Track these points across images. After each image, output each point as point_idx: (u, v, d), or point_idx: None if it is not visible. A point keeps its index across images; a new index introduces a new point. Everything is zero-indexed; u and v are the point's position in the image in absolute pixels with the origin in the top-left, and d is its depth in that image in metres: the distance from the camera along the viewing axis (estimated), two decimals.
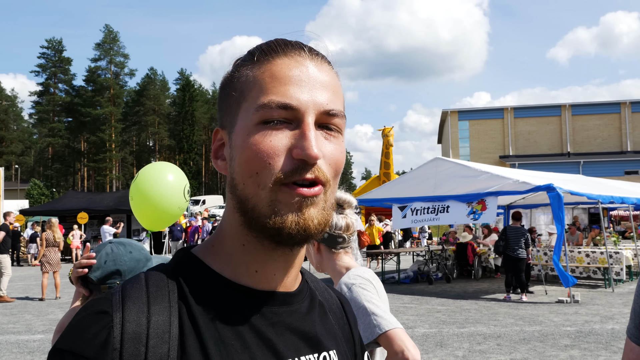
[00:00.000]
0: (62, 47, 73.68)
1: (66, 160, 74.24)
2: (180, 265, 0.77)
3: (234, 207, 0.75)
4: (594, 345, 7.37)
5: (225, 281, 0.75)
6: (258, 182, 0.71)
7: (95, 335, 0.67)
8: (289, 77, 0.73)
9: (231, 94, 0.76)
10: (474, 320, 9.21)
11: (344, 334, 0.89)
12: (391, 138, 24.99)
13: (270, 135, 0.71)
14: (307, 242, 0.74)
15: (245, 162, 0.72)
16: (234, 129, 0.75)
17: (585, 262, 13.52)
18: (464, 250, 15.59)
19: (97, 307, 0.70)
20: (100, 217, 25.55)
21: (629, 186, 17.37)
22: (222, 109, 0.79)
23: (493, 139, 45.92)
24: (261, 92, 0.72)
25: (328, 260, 1.99)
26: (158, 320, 0.70)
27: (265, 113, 0.71)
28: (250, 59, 0.76)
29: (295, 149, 0.70)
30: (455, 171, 12.80)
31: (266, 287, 0.77)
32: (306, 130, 0.71)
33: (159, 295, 0.72)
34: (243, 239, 0.76)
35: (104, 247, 1.92)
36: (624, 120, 44.53)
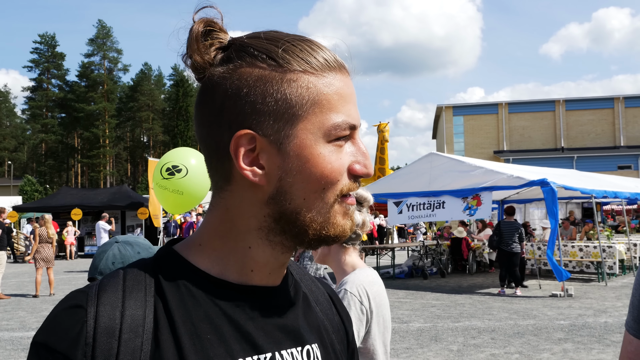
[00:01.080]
0: (55, 42, 73.25)
1: (60, 156, 73.92)
2: (159, 260, 0.77)
3: (268, 214, 0.74)
4: (587, 338, 7.43)
5: (207, 276, 0.75)
6: (323, 197, 0.73)
7: (69, 329, 0.67)
8: (349, 96, 0.75)
9: (282, 99, 0.71)
10: (468, 315, 9.25)
11: (332, 325, 0.89)
12: (386, 134, 25.03)
13: (338, 153, 0.73)
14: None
15: (316, 179, 0.72)
16: (290, 140, 0.72)
17: (579, 256, 13.60)
18: (458, 245, 15.65)
19: (72, 301, 0.70)
20: (95, 214, 25.47)
21: (622, 181, 17.48)
22: (259, 110, 0.72)
23: (487, 134, 46.03)
24: (332, 110, 0.73)
25: (335, 254, 1.99)
26: (132, 315, 0.70)
27: (337, 133, 0.73)
28: (302, 65, 0.72)
29: (358, 165, 0.75)
30: (450, 166, 12.83)
31: (253, 283, 0.77)
32: (365, 149, 0.76)
33: (135, 289, 0.72)
34: (252, 242, 0.75)
35: (110, 248, 1.86)
36: (617, 115, 44.72)
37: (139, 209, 22.90)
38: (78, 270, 18.63)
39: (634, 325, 1.21)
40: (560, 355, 6.62)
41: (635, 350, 1.21)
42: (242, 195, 0.74)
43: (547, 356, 6.60)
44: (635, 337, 1.21)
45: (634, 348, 1.21)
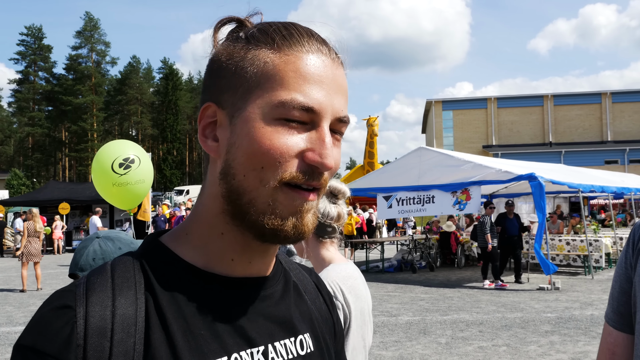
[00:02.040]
0: (42, 34, 72.32)
1: (47, 149, 73.21)
2: (147, 254, 0.75)
3: (222, 194, 0.72)
4: (573, 330, 7.52)
5: (195, 270, 0.73)
6: (261, 177, 0.69)
7: (58, 331, 0.65)
8: (312, 76, 0.70)
9: (239, 73, 0.71)
10: (456, 308, 9.32)
11: (321, 315, 0.88)
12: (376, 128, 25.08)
13: (287, 134, 0.68)
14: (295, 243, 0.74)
15: (252, 154, 0.69)
16: (239, 114, 0.70)
17: (566, 250, 13.74)
18: (447, 239, 15.74)
19: (60, 301, 0.68)
20: (83, 208, 25.30)
21: (609, 175, 17.64)
22: (219, 85, 0.73)
23: (476, 129, 46.24)
24: (283, 87, 0.69)
25: (313, 249, 1.96)
26: (124, 314, 0.68)
27: (286, 111, 0.68)
28: (267, 41, 0.71)
29: (311, 153, 0.69)
30: (439, 161, 12.89)
31: (240, 274, 0.76)
32: (325, 137, 0.70)
33: (125, 286, 0.70)
34: (222, 228, 0.73)
35: (91, 243, 1.83)
36: (604, 110, 45.10)
37: None
38: (66, 264, 18.51)
39: (613, 317, 1.23)
40: (547, 348, 6.70)
41: (615, 341, 1.23)
42: (210, 174, 0.74)
43: (534, 348, 6.68)
44: (615, 328, 1.23)
45: (613, 339, 1.23)
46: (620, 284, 1.22)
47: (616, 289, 1.23)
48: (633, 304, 1.18)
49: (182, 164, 74.92)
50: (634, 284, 1.17)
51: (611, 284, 1.26)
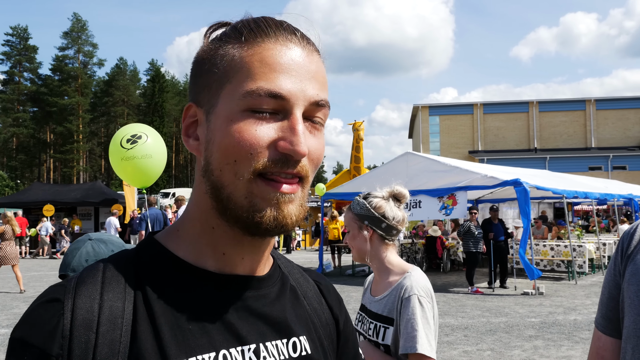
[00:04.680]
0: (27, 34, 71.62)
1: (31, 151, 72.38)
2: (140, 250, 0.76)
3: (206, 191, 0.73)
4: (557, 335, 7.59)
5: (186, 265, 0.74)
6: (236, 170, 0.69)
7: (45, 323, 0.66)
8: (279, 65, 0.69)
9: (212, 70, 0.72)
10: (442, 312, 9.37)
11: (321, 320, 0.87)
12: (362, 132, 25.14)
13: (256, 124, 0.68)
14: (282, 234, 0.74)
15: (224, 148, 0.69)
16: (213, 110, 0.71)
17: (550, 255, 13.87)
18: (433, 243, 15.82)
19: (50, 295, 0.69)
20: (67, 210, 25.05)
21: (592, 181, 17.84)
22: (198, 84, 0.74)
23: (463, 134, 46.59)
24: (249, 77, 0.69)
25: (377, 251, 1.99)
26: (111, 306, 0.69)
27: (253, 101, 0.68)
28: (236, 36, 0.72)
29: (283, 141, 0.68)
30: (425, 166, 12.95)
31: (233, 271, 0.76)
32: (295, 124, 0.69)
33: (114, 281, 0.71)
34: (213, 222, 0.74)
35: (83, 245, 1.82)
36: (588, 117, 45.67)
37: (112, 205, 22.60)
38: (50, 267, 18.31)
39: (602, 322, 1.26)
40: (530, 352, 6.76)
41: (604, 346, 1.26)
42: (197, 171, 0.76)
43: (518, 353, 6.73)
44: (604, 333, 1.26)
45: (602, 343, 1.26)
46: (609, 290, 1.25)
47: (605, 295, 1.26)
48: (621, 310, 1.20)
49: (168, 167, 74.47)
50: (622, 290, 1.20)
51: (601, 290, 1.29)
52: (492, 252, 11.93)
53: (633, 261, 1.18)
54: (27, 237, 22.95)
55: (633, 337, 1.13)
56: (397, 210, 2.00)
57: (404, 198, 2.04)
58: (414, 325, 1.81)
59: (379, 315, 1.97)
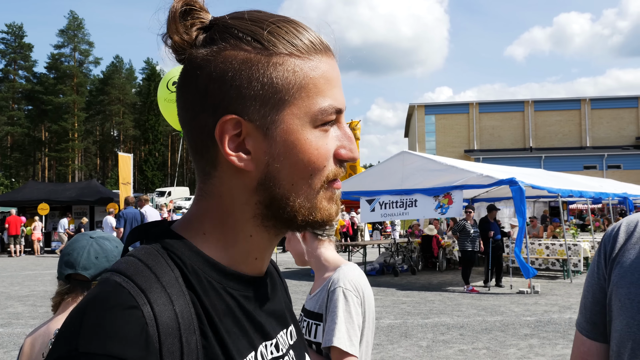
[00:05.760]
0: (22, 32, 71.34)
1: (26, 149, 72.13)
2: (171, 248, 0.72)
3: (259, 202, 0.73)
4: (552, 334, 7.62)
5: (222, 268, 0.74)
6: (311, 183, 0.72)
7: (134, 335, 0.60)
8: (335, 80, 0.74)
9: (268, 84, 0.70)
10: (437, 311, 9.39)
11: (288, 303, 0.93)
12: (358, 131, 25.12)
13: (325, 138, 0.73)
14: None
15: (303, 164, 0.71)
16: (277, 126, 0.70)
17: (545, 254, 13.92)
18: (429, 242, 15.84)
19: (121, 301, 0.62)
20: (62, 209, 24.97)
21: (587, 180, 17.92)
22: (245, 95, 0.70)
23: (458, 133, 46.67)
24: (319, 95, 0.72)
25: (312, 249, 1.95)
26: (182, 311, 0.66)
27: (324, 117, 0.72)
28: (288, 47, 0.71)
29: (343, 150, 0.74)
30: (421, 165, 12.97)
31: (256, 272, 0.78)
32: (348, 132, 0.75)
33: (172, 284, 0.67)
34: (252, 230, 0.75)
35: (88, 243, 1.79)
36: (583, 116, 45.82)
37: (108, 204, 22.53)
38: (45, 265, 18.25)
39: (587, 327, 1.25)
40: (526, 351, 6.78)
41: (589, 351, 1.24)
42: (231, 181, 0.73)
43: (514, 351, 6.76)
44: (588, 337, 1.24)
45: (586, 348, 1.25)
46: (593, 294, 1.23)
47: (589, 299, 1.24)
48: (608, 314, 1.19)
49: (163, 166, 74.30)
50: (608, 294, 1.19)
51: (582, 293, 1.27)
52: (490, 251, 11.95)
53: (619, 264, 1.17)
54: (22, 236, 22.86)
55: (627, 341, 1.12)
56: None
57: None
58: (334, 318, 1.76)
59: (311, 312, 1.92)
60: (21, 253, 22.79)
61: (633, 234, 1.19)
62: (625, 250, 1.18)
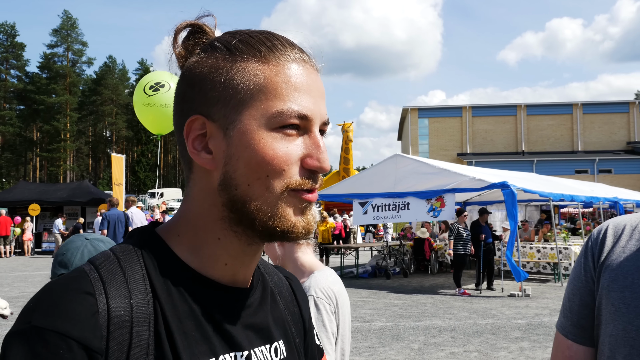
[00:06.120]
0: (15, 31, 70.99)
1: (17, 149, 71.70)
2: (147, 246, 0.75)
3: (223, 203, 0.74)
4: (543, 337, 7.64)
5: (192, 271, 0.75)
6: (267, 185, 0.72)
7: (85, 317, 0.64)
8: (303, 86, 0.74)
9: (230, 86, 0.73)
10: (429, 314, 9.40)
11: (293, 318, 0.91)
12: (351, 133, 25.21)
13: (286, 142, 0.72)
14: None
15: (256, 164, 0.71)
16: (235, 126, 0.72)
17: (536, 257, 13.97)
18: (421, 245, 15.86)
19: (79, 285, 0.66)
20: (54, 209, 24.81)
21: (579, 185, 18.00)
22: (207, 97, 0.74)
23: (451, 137, 46.81)
24: (277, 98, 0.72)
25: (290, 253, 1.91)
26: (138, 306, 0.68)
27: (282, 120, 0.72)
28: (254, 54, 0.74)
29: (310, 159, 0.74)
30: (414, 168, 12.99)
31: (229, 280, 0.78)
32: (319, 142, 0.75)
33: (136, 279, 0.71)
34: (220, 233, 0.76)
35: (83, 244, 1.79)
36: (575, 121, 46.09)
37: (99, 205, 22.42)
38: (36, 266, 18.13)
39: (573, 330, 1.22)
40: (517, 354, 6.80)
41: (576, 355, 1.22)
42: (201, 183, 0.76)
43: (505, 354, 6.77)
44: (575, 341, 1.22)
45: (573, 352, 1.23)
46: (581, 297, 1.21)
47: (575, 303, 1.22)
48: (597, 317, 1.18)
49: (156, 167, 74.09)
50: (598, 298, 1.17)
51: (567, 297, 1.25)
52: (482, 254, 11.98)
53: (609, 267, 1.15)
54: (11, 237, 22.70)
55: (624, 346, 1.10)
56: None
57: None
58: None
59: None
60: (11, 254, 22.63)
61: (621, 237, 1.18)
62: (614, 253, 1.17)
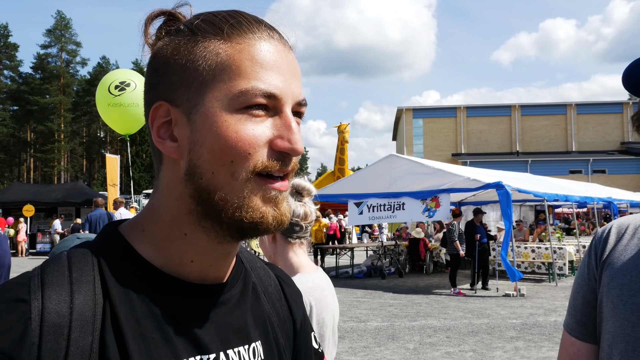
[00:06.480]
0: (8, 32, 70.59)
1: (11, 150, 71.31)
2: (106, 245, 0.71)
3: (189, 195, 0.69)
4: (537, 336, 7.69)
5: (154, 270, 0.70)
6: (232, 171, 0.66)
7: (11, 326, 0.60)
8: (269, 63, 0.68)
9: (192, 68, 0.68)
10: (424, 314, 9.43)
11: (279, 317, 0.86)
12: (347, 134, 25.22)
13: (252, 124, 0.67)
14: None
15: (220, 149, 0.66)
16: (197, 110, 0.67)
17: (531, 257, 14.03)
18: (416, 245, 15.90)
19: (12, 294, 0.63)
20: (48, 210, 24.72)
21: (573, 185, 18.09)
22: (170, 82, 0.69)
23: (446, 137, 46.89)
24: (240, 76, 0.67)
25: (282, 251, 1.85)
26: (81, 310, 0.64)
27: (247, 100, 0.66)
28: (216, 32, 0.69)
29: (280, 140, 0.68)
30: (409, 168, 13.03)
31: (198, 278, 0.73)
32: (290, 122, 0.69)
33: (83, 280, 0.66)
34: (186, 228, 0.71)
35: (74, 244, 1.81)
36: (569, 121, 46.26)
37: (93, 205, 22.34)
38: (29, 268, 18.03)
39: (577, 328, 1.25)
40: (512, 353, 6.83)
41: (578, 352, 1.24)
42: (169, 174, 0.71)
43: (500, 354, 6.81)
44: (578, 339, 1.24)
45: (576, 350, 1.25)
46: (584, 295, 1.24)
47: (579, 300, 1.25)
48: (598, 315, 1.20)
49: (150, 167, 73.84)
50: (599, 296, 1.19)
51: (571, 295, 1.28)
52: (477, 254, 12.03)
53: (610, 266, 1.18)
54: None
55: (620, 342, 1.12)
56: (296, 205, 1.80)
57: (305, 191, 1.83)
58: None
59: None
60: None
61: (623, 236, 1.20)
62: (615, 252, 1.19)
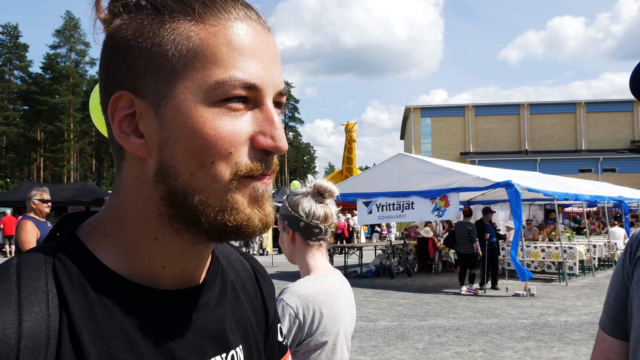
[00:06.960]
0: (18, 32, 71.17)
1: (21, 149, 71.92)
2: (63, 254, 0.62)
3: (160, 197, 0.62)
4: (548, 337, 7.65)
5: (122, 280, 0.63)
6: (214, 173, 0.59)
7: None
8: (248, 48, 0.60)
9: (159, 53, 0.60)
10: (434, 314, 9.41)
11: (256, 314, 0.81)
12: (354, 133, 25.22)
13: (231, 119, 0.59)
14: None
15: (198, 149, 0.59)
16: (166, 102, 0.60)
17: (541, 256, 13.97)
18: (425, 244, 15.87)
19: None
20: (58, 209, 24.88)
21: (582, 184, 17.98)
22: (132, 68, 0.60)
23: (454, 136, 46.75)
24: (216, 65, 0.59)
25: (300, 253, 1.82)
26: (32, 332, 0.55)
27: (224, 92, 0.59)
28: (186, 11, 0.60)
29: (262, 137, 0.61)
30: (418, 167, 13.00)
31: (170, 284, 0.66)
32: (273, 116, 0.62)
33: (34, 299, 0.57)
34: (156, 233, 0.63)
35: None
36: (579, 120, 45.98)
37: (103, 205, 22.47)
38: None
39: (609, 324, 1.27)
40: (522, 353, 6.80)
41: (610, 348, 1.27)
42: (134, 172, 0.63)
43: (510, 354, 6.78)
44: (610, 335, 1.27)
45: (607, 345, 1.28)
46: (617, 292, 1.26)
47: (612, 297, 1.27)
48: (629, 311, 1.21)
49: None
50: (630, 292, 1.21)
51: (607, 292, 1.31)
52: (486, 254, 11.99)
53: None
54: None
55: None
56: (317, 207, 1.76)
57: (327, 192, 1.78)
58: None
59: None
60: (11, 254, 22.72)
61: None
62: None
